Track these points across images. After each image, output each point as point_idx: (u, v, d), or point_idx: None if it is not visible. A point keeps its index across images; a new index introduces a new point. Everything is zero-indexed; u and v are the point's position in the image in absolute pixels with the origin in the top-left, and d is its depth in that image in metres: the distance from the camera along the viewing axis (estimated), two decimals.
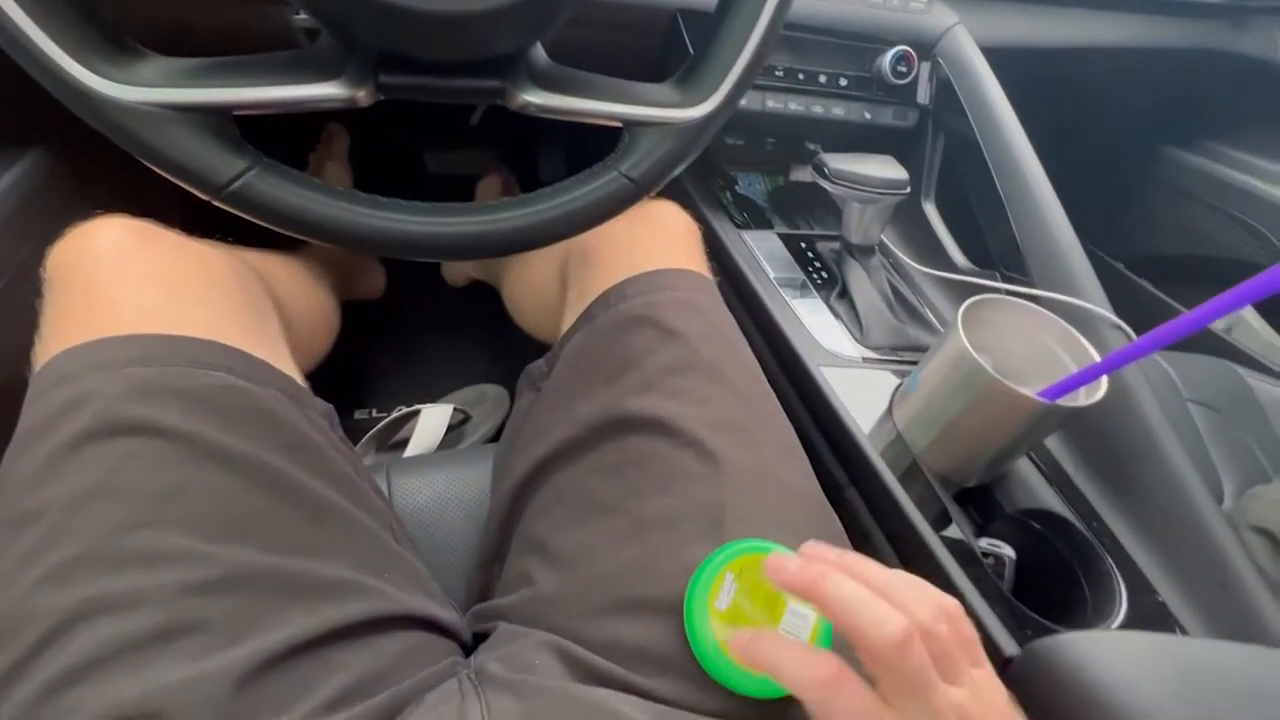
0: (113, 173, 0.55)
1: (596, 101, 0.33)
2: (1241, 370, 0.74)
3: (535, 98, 0.32)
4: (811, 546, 0.29)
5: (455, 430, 0.82)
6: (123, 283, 0.35)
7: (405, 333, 1.00)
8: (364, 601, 0.32)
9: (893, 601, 0.25)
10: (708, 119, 0.33)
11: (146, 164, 0.27)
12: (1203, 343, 0.93)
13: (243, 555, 0.30)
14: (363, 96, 0.29)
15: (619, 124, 0.33)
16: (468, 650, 0.39)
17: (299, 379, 0.40)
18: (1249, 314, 0.95)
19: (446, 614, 0.37)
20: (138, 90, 0.26)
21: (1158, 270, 1.04)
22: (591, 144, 0.39)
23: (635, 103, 0.33)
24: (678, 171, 0.35)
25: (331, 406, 0.42)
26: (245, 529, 0.31)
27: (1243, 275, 0.31)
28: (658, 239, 0.50)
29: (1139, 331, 0.39)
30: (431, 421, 0.77)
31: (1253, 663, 0.31)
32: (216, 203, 0.28)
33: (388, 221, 0.31)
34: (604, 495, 0.39)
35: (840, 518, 0.41)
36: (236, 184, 0.28)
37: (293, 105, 0.28)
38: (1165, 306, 1.01)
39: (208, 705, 0.26)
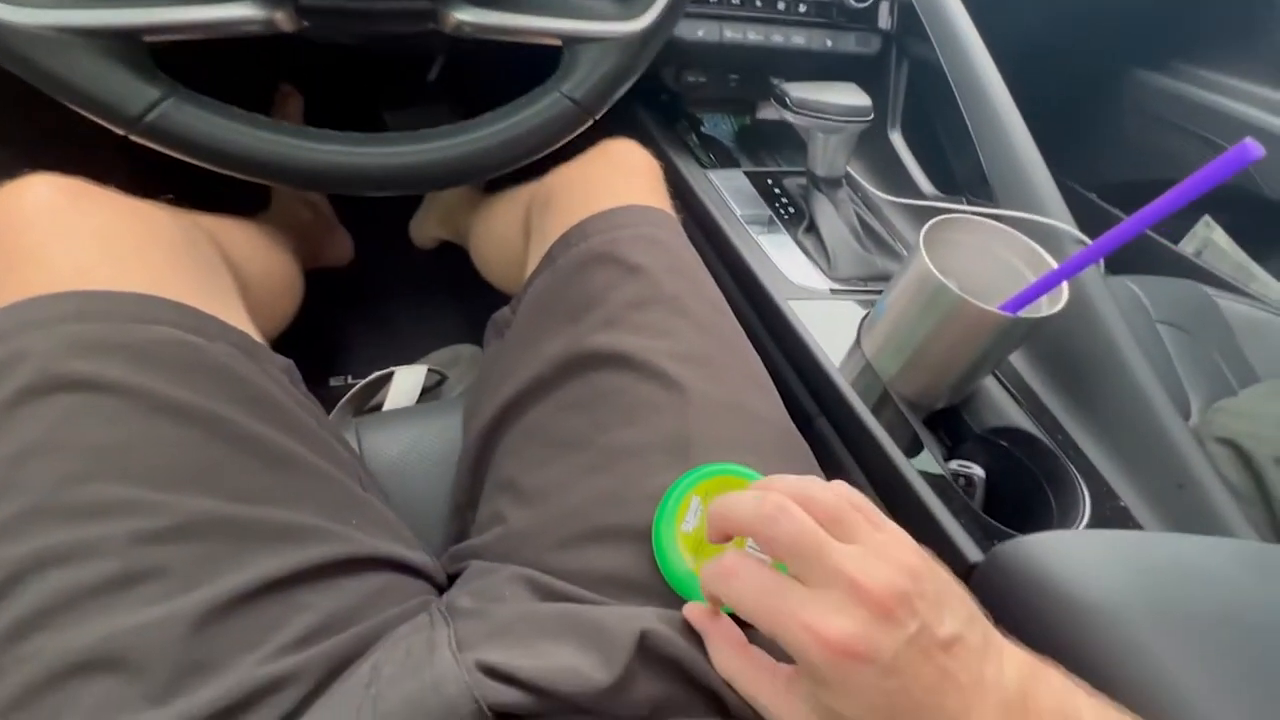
0: (56, 144, 0.52)
1: (533, 18, 0.31)
2: (1210, 291, 0.75)
3: (469, 16, 0.30)
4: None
5: (431, 391, 0.81)
6: (54, 240, 0.34)
7: (377, 298, 0.98)
8: (329, 545, 0.32)
9: (773, 489, 0.27)
10: (649, 31, 0.32)
11: (53, 95, 0.26)
12: (1173, 267, 0.94)
13: (199, 504, 0.30)
14: (282, 19, 0.28)
15: (558, 42, 0.32)
16: (443, 592, 0.39)
17: (256, 336, 0.39)
18: (1219, 236, 0.96)
19: (417, 556, 0.37)
20: (36, 13, 0.24)
21: (1130, 197, 1.04)
22: None
23: (573, 17, 0.31)
24: (621, 91, 0.33)
25: (291, 362, 0.41)
26: (200, 479, 0.30)
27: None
28: (617, 177, 0.49)
29: (1108, 258, 0.39)
30: (406, 383, 0.76)
31: (1206, 551, 0.32)
32: (133, 136, 0.27)
33: (321, 154, 0.30)
34: (571, 431, 0.38)
35: (810, 447, 0.41)
36: (152, 114, 0.26)
37: (206, 28, 0.27)
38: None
39: (167, 647, 0.26)
